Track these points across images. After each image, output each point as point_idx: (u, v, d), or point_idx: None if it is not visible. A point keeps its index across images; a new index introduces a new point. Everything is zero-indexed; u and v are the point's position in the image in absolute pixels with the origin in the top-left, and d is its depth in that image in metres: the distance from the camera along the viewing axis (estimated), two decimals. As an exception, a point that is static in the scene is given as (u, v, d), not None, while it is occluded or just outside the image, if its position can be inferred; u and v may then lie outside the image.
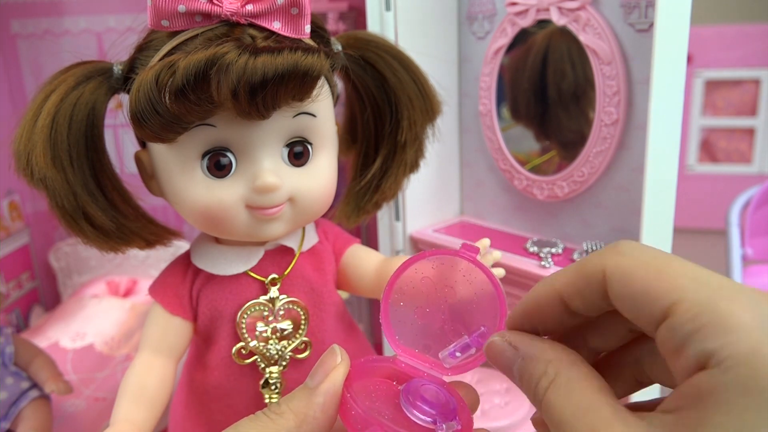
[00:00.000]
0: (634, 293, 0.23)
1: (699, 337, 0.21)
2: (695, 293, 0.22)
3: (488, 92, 0.68)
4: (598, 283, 0.25)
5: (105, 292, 0.87)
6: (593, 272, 0.25)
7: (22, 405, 0.63)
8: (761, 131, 1.38)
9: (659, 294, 0.23)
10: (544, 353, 0.26)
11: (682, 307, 0.22)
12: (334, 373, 0.30)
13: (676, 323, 0.22)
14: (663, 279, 0.23)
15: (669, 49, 0.51)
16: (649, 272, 0.23)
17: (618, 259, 0.24)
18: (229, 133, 0.41)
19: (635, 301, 0.23)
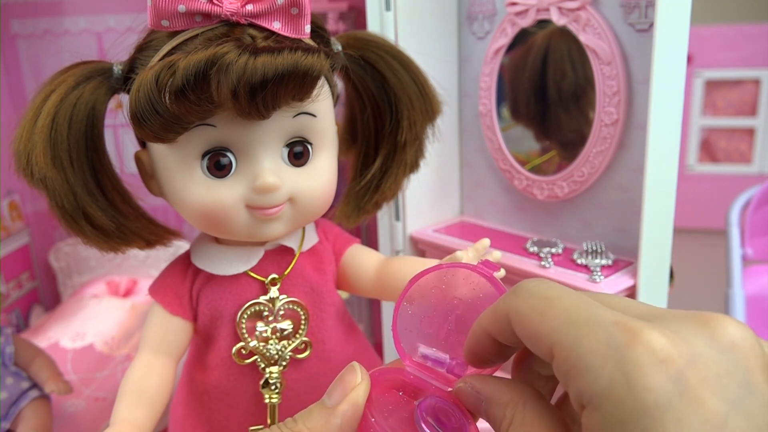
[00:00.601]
0: (528, 335, 0.25)
1: (571, 380, 0.22)
2: (566, 335, 0.23)
3: (488, 92, 0.68)
4: (507, 324, 0.26)
5: (105, 292, 0.87)
6: (502, 314, 0.27)
7: (22, 405, 0.63)
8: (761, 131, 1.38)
9: (542, 337, 0.24)
10: (502, 396, 0.27)
11: (557, 350, 0.23)
12: (354, 394, 0.30)
13: (556, 366, 0.23)
14: (545, 321, 0.24)
15: (669, 49, 0.51)
16: (534, 316, 0.24)
17: (515, 303, 0.26)
18: (229, 133, 0.41)
19: (530, 342, 0.25)
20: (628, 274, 0.58)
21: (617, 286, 0.56)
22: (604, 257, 0.60)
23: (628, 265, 0.59)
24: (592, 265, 0.59)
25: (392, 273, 0.50)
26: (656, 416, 0.20)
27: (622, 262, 0.59)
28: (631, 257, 0.60)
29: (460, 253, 0.45)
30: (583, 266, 0.59)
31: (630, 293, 0.57)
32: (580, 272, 0.58)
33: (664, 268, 0.57)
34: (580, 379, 0.22)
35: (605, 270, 0.58)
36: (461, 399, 0.29)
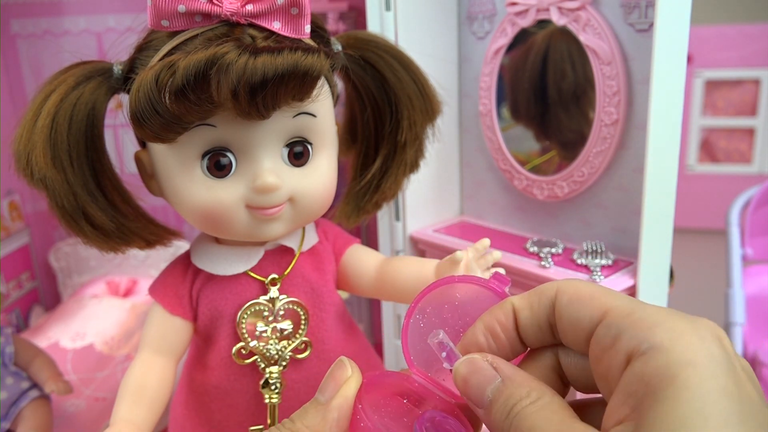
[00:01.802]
0: (581, 300, 0.27)
1: (630, 330, 0.24)
2: (625, 303, 0.26)
3: (488, 92, 0.68)
4: (548, 299, 0.28)
5: (105, 292, 0.87)
6: (548, 289, 0.29)
7: (22, 405, 0.63)
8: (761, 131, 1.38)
9: (598, 303, 0.26)
10: (528, 380, 0.27)
11: (613, 313, 0.25)
12: (346, 387, 0.30)
13: (611, 322, 0.25)
14: (601, 293, 0.27)
15: (669, 49, 0.51)
16: (591, 289, 0.27)
17: (569, 282, 0.28)
18: (229, 133, 0.41)
19: (580, 306, 0.27)
20: (628, 274, 0.58)
21: (617, 286, 0.56)
22: (604, 257, 0.60)
23: (628, 265, 0.59)
24: (592, 265, 0.59)
25: (392, 273, 0.50)
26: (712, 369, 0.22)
27: (622, 262, 0.59)
28: (631, 257, 0.60)
29: (460, 253, 0.45)
30: (583, 266, 0.59)
31: (630, 293, 0.57)
32: (580, 272, 0.58)
33: (664, 268, 0.57)
34: (643, 329, 0.23)
35: (605, 270, 0.58)
36: (463, 371, 0.28)
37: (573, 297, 0.27)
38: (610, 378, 0.24)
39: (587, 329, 0.26)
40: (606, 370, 0.25)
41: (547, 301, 0.28)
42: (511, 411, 0.26)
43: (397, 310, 0.73)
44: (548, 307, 0.28)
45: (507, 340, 0.29)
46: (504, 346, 0.29)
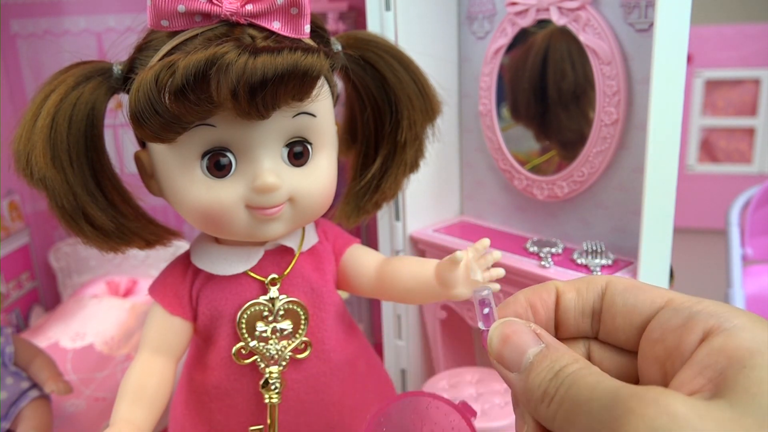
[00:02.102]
0: (638, 288, 0.27)
1: (704, 313, 0.24)
2: (684, 295, 0.26)
3: (488, 92, 0.68)
4: (598, 286, 0.28)
5: (105, 292, 0.87)
6: (596, 279, 0.29)
7: (22, 405, 0.63)
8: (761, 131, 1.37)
9: (656, 295, 0.27)
10: (571, 351, 0.26)
11: (679, 300, 0.26)
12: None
13: (679, 306, 0.25)
14: (657, 287, 0.28)
15: (669, 49, 0.51)
16: (645, 284, 0.28)
17: (618, 276, 0.29)
18: (229, 133, 0.41)
19: (638, 293, 0.27)
20: (628, 274, 0.58)
21: (617, 286, 0.56)
22: (604, 257, 0.60)
23: (628, 265, 0.59)
24: (592, 265, 0.59)
25: (392, 273, 0.50)
26: None
27: (622, 262, 0.59)
28: (631, 257, 0.60)
29: (460, 253, 0.45)
30: (583, 266, 0.59)
31: (630, 293, 0.57)
32: (580, 272, 0.58)
33: (664, 268, 0.57)
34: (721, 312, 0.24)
35: (605, 270, 0.58)
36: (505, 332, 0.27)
37: (628, 285, 0.28)
38: (675, 357, 0.24)
39: (644, 314, 0.27)
40: (668, 351, 0.25)
41: (597, 288, 0.28)
42: (560, 373, 0.25)
43: (397, 310, 0.73)
44: (597, 293, 0.28)
45: (545, 319, 0.29)
46: (541, 324, 0.29)
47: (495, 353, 0.28)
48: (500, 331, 0.28)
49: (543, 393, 0.25)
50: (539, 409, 0.25)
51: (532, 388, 0.25)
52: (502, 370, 0.27)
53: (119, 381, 0.46)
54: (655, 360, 0.26)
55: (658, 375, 0.26)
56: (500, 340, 0.27)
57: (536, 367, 0.26)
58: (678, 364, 0.24)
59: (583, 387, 0.24)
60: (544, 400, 0.25)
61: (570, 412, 0.24)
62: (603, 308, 0.28)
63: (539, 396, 0.25)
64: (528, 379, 0.26)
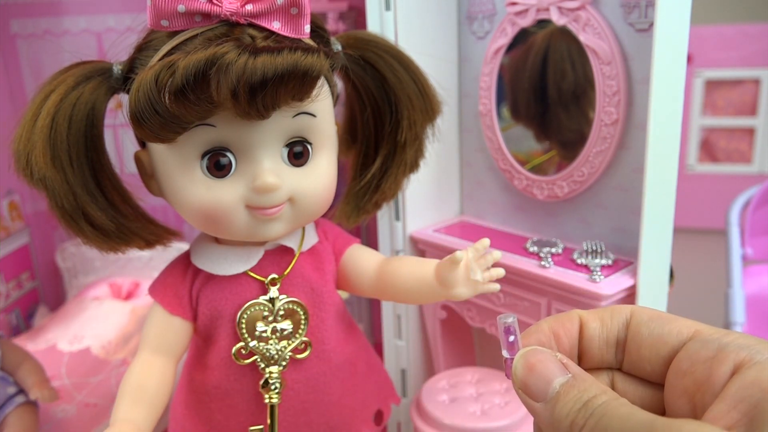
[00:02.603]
0: (662, 319, 0.27)
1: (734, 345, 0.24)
2: (712, 327, 0.26)
3: (488, 92, 0.68)
4: (622, 316, 0.28)
5: (107, 294, 0.87)
6: (620, 308, 0.29)
7: (7, 411, 0.61)
8: (761, 131, 1.37)
9: (683, 325, 0.27)
10: (598, 382, 0.26)
11: (707, 331, 0.26)
12: None
13: (707, 338, 0.26)
14: (684, 318, 0.27)
15: (669, 49, 0.51)
16: (670, 315, 0.28)
17: (641, 306, 0.29)
18: (229, 133, 0.41)
19: (663, 324, 0.27)
20: (628, 274, 0.58)
21: (617, 286, 0.56)
22: (604, 257, 0.60)
23: (628, 265, 0.59)
24: (592, 265, 0.59)
25: (392, 273, 0.50)
26: None
27: (622, 262, 0.59)
28: (631, 257, 0.60)
29: (460, 253, 0.45)
30: (583, 266, 0.59)
31: (630, 293, 0.57)
32: (580, 272, 0.58)
33: (664, 268, 0.57)
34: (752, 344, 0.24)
35: (605, 270, 0.58)
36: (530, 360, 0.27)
37: (653, 316, 0.28)
38: (704, 389, 0.24)
39: (671, 345, 0.27)
40: (697, 384, 0.25)
41: (621, 317, 0.28)
42: (589, 403, 0.24)
43: (397, 310, 0.73)
44: (622, 323, 0.28)
45: (568, 348, 0.29)
46: (564, 354, 0.28)
47: (520, 382, 0.27)
48: (525, 359, 0.27)
49: (571, 423, 0.25)
50: None
51: (560, 419, 0.25)
52: (526, 400, 0.27)
53: (113, 387, 0.46)
54: (684, 392, 0.25)
55: (686, 408, 0.25)
56: (525, 368, 0.27)
57: (563, 397, 0.25)
58: (708, 397, 0.24)
59: (615, 418, 0.23)
60: (572, 430, 0.24)
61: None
62: (628, 338, 0.28)
63: (567, 426, 0.25)
64: (555, 409, 0.25)
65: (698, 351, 0.25)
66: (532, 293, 0.61)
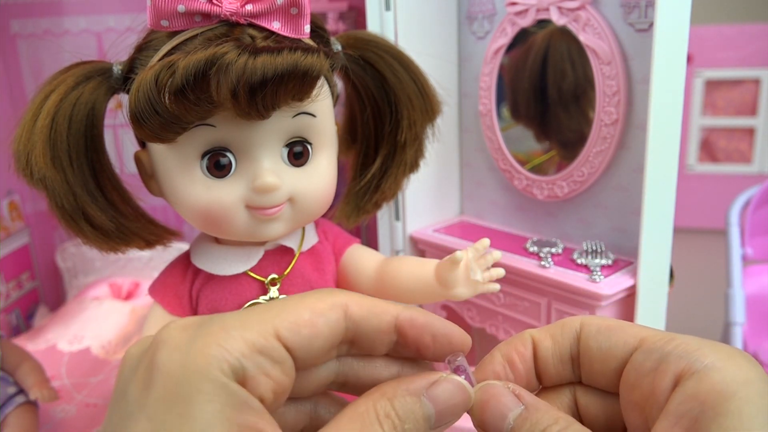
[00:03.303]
0: (611, 329, 0.27)
1: (674, 355, 0.24)
2: (660, 332, 0.26)
3: (488, 92, 0.68)
4: (572, 330, 0.28)
5: (107, 294, 0.87)
6: (570, 321, 0.28)
7: (7, 411, 0.61)
8: (761, 131, 1.38)
9: (632, 331, 0.27)
10: (551, 408, 0.26)
11: (651, 339, 0.26)
12: None
13: (651, 347, 0.25)
14: (630, 324, 0.27)
15: (669, 49, 0.51)
16: (618, 321, 0.28)
17: (591, 317, 0.28)
18: (229, 133, 0.41)
19: (611, 335, 0.27)
20: (628, 274, 0.58)
21: (617, 286, 0.56)
22: (604, 257, 0.60)
23: (628, 265, 0.59)
24: (592, 264, 0.59)
25: (392, 273, 0.50)
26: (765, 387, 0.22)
27: (622, 262, 0.59)
28: (631, 257, 0.60)
29: (460, 253, 0.45)
30: (583, 266, 0.59)
31: (630, 293, 0.57)
32: (580, 272, 0.58)
33: (664, 268, 0.57)
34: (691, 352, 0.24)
35: (605, 270, 0.58)
36: (481, 397, 0.27)
37: (602, 327, 0.27)
38: (651, 403, 0.24)
39: (620, 357, 0.26)
40: (645, 397, 0.25)
41: (571, 332, 0.28)
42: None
43: (397, 310, 0.73)
44: (572, 338, 0.28)
45: (524, 372, 0.28)
46: (521, 378, 0.28)
47: (477, 421, 0.27)
48: (479, 397, 0.27)
49: None
50: None
51: None
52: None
53: (112, 387, 0.46)
54: (635, 405, 0.25)
55: (639, 421, 0.25)
56: (480, 407, 0.27)
57: (521, 428, 0.25)
58: (655, 411, 0.24)
59: None
60: None
61: None
62: (580, 353, 0.28)
63: None
64: None
65: (642, 363, 0.25)
66: (532, 293, 0.61)
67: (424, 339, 0.26)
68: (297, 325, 0.24)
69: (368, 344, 0.26)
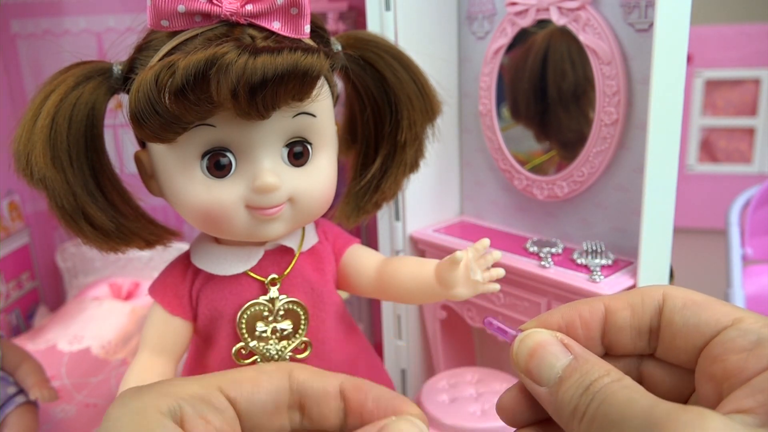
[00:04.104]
0: (698, 305, 0.26)
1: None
2: (754, 315, 0.25)
3: (488, 92, 0.68)
4: (654, 302, 0.27)
5: (107, 294, 0.87)
6: (652, 293, 0.27)
7: (7, 411, 0.61)
8: (761, 131, 1.37)
9: (722, 312, 0.25)
10: (602, 361, 0.25)
11: (748, 320, 0.24)
12: None
13: (748, 328, 0.24)
14: (716, 300, 0.26)
15: (669, 49, 0.51)
16: (703, 296, 0.26)
17: (674, 287, 0.27)
18: (229, 133, 0.41)
19: (697, 315, 0.25)
20: (628, 274, 0.58)
21: (617, 286, 0.56)
22: (604, 257, 0.60)
23: (628, 265, 0.59)
24: (592, 265, 0.59)
25: (392, 273, 0.50)
26: None
27: (622, 262, 0.59)
28: (631, 257, 0.60)
29: (460, 253, 0.45)
30: (583, 266, 0.59)
31: (630, 293, 0.57)
32: (580, 272, 0.58)
33: (664, 268, 0.57)
34: None
35: (605, 270, 0.58)
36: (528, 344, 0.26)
37: (688, 302, 0.26)
38: (734, 380, 0.23)
39: (707, 335, 0.25)
40: (728, 373, 0.24)
41: (653, 303, 0.27)
42: (591, 387, 0.24)
43: (397, 310, 0.73)
44: (654, 310, 0.27)
45: (584, 339, 0.27)
46: (578, 341, 0.27)
47: (522, 367, 0.26)
48: (526, 343, 0.26)
49: (573, 409, 0.24)
50: (571, 425, 0.24)
51: (563, 405, 0.24)
52: (530, 384, 0.26)
53: (112, 387, 0.46)
54: (711, 378, 0.24)
55: (712, 394, 0.24)
56: (526, 353, 0.26)
57: (566, 382, 0.24)
58: (734, 383, 0.23)
59: (615, 404, 0.23)
60: (575, 416, 0.24)
61: (604, 428, 0.23)
62: (661, 327, 0.26)
63: (570, 412, 0.24)
64: (558, 394, 0.24)
65: (734, 340, 0.24)
66: (532, 293, 0.61)
67: (368, 404, 0.26)
68: (240, 380, 0.25)
69: (318, 412, 0.26)
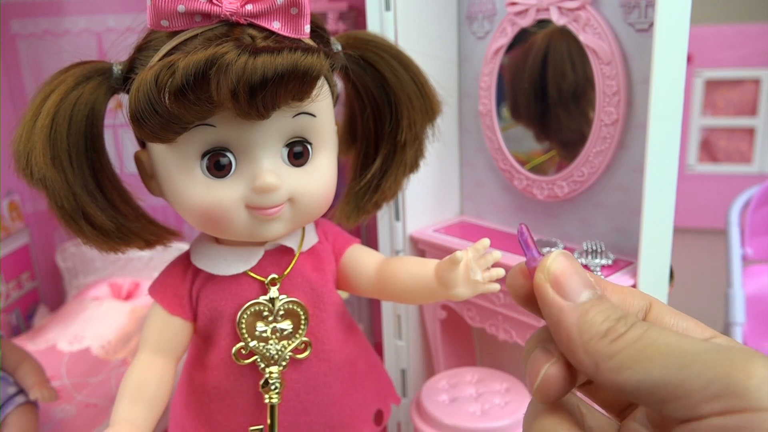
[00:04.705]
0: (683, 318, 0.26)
1: None
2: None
3: (488, 92, 0.68)
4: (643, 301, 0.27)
5: (107, 294, 0.87)
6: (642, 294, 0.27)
7: (7, 411, 0.61)
8: (761, 131, 1.37)
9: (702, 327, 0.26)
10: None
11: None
12: None
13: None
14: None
15: (669, 49, 0.51)
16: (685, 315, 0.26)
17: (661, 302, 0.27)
18: (229, 133, 0.41)
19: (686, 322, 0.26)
20: (628, 274, 0.58)
21: (617, 286, 0.56)
22: (604, 257, 0.60)
23: (628, 265, 0.59)
24: (592, 265, 0.59)
25: (392, 273, 0.50)
26: None
27: (622, 262, 0.59)
28: (631, 257, 0.60)
29: (460, 253, 0.45)
30: (583, 266, 0.59)
31: (630, 293, 0.57)
32: (580, 272, 0.58)
33: (664, 268, 0.57)
34: None
35: (605, 270, 0.58)
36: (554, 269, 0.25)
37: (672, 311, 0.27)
38: None
39: None
40: None
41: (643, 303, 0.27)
42: (629, 317, 0.23)
43: (397, 310, 0.73)
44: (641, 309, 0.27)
45: None
46: None
47: (552, 276, 0.25)
48: (561, 258, 0.25)
49: (608, 329, 0.23)
50: (595, 344, 0.23)
51: (593, 322, 0.24)
52: (551, 296, 0.25)
53: (112, 387, 0.46)
54: None
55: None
56: (564, 265, 0.25)
57: (603, 303, 0.24)
58: None
59: (663, 336, 0.22)
60: (608, 335, 0.23)
61: (645, 351, 0.22)
62: None
63: (601, 331, 0.23)
64: (589, 312, 0.24)
65: None
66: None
67: None
68: None
69: None
